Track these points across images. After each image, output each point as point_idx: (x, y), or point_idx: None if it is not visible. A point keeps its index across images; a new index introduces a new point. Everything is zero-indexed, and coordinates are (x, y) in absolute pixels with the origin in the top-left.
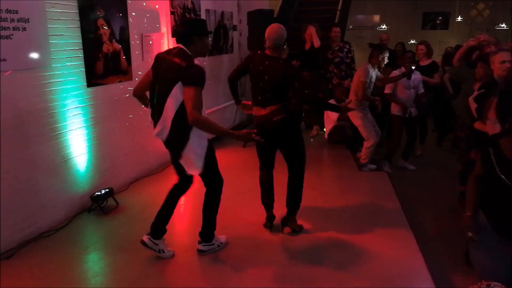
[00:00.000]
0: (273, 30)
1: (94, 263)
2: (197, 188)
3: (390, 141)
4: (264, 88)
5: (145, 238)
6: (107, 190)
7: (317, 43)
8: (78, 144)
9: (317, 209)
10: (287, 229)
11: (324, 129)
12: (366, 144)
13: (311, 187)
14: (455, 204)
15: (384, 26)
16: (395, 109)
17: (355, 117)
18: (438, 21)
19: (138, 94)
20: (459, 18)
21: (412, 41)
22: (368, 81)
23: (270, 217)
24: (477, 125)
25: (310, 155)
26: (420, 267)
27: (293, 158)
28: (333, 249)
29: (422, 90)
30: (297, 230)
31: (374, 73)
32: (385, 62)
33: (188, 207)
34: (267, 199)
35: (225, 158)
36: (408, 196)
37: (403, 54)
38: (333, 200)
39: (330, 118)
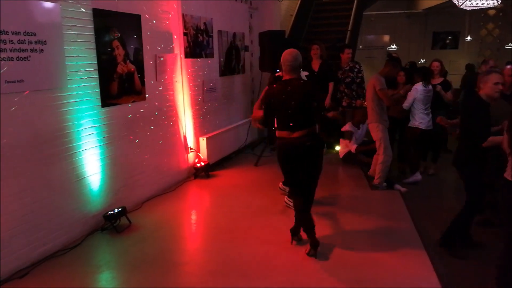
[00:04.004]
0: (287, 53)
1: (107, 282)
2: None
3: (413, 154)
4: (294, 113)
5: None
6: (120, 209)
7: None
8: (92, 164)
9: (330, 227)
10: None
11: (336, 149)
12: (381, 159)
13: (324, 205)
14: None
15: (394, 46)
16: (415, 122)
17: (377, 130)
18: (448, 41)
19: None
20: (469, 38)
21: (423, 61)
22: (386, 88)
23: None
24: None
25: (322, 173)
26: (434, 285)
27: (312, 180)
28: (347, 268)
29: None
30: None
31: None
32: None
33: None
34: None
35: (237, 177)
36: (421, 215)
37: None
38: (347, 219)
39: (345, 142)
